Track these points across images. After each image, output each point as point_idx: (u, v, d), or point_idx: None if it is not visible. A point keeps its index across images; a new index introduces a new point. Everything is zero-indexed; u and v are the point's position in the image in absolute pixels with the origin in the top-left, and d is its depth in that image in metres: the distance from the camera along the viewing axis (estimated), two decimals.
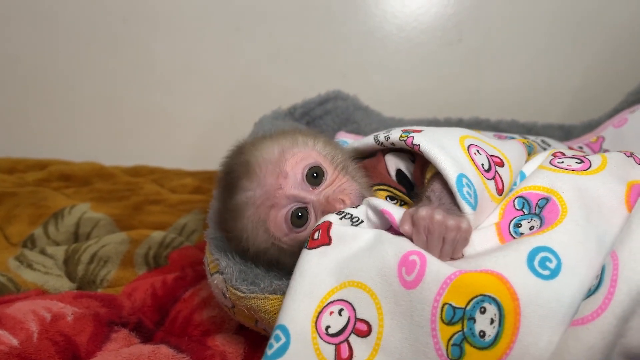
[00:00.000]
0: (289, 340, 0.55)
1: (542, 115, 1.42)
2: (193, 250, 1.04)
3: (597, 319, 0.48)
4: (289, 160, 0.67)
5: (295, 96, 1.26)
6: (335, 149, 0.73)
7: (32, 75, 1.78)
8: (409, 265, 0.54)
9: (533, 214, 0.61)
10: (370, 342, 0.55)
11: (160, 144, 1.80)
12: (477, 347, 0.50)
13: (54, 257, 1.01)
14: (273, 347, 0.55)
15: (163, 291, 0.89)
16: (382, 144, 0.75)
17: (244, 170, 0.67)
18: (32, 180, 1.51)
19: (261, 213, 0.66)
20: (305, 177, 0.67)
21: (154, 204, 1.33)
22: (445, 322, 0.51)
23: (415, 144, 0.66)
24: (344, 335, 0.56)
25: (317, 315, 0.56)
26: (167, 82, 1.76)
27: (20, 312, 0.76)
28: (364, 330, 0.55)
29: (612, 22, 1.57)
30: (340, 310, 0.56)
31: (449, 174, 0.61)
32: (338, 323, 0.56)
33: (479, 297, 0.50)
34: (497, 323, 0.49)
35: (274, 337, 0.55)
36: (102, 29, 1.73)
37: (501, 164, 0.68)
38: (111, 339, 0.76)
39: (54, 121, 1.82)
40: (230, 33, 1.69)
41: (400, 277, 0.55)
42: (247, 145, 0.71)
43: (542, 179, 0.64)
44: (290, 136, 0.71)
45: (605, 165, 0.64)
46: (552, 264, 0.52)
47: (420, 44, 1.65)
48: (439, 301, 0.52)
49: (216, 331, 0.79)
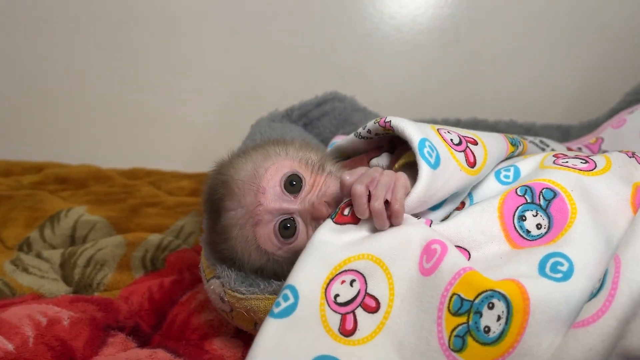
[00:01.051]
0: (297, 301, 0.54)
1: (540, 116, 1.42)
2: (190, 253, 1.03)
3: (597, 321, 0.47)
4: (263, 175, 0.67)
5: (293, 98, 1.26)
6: (308, 151, 0.73)
7: (27, 78, 1.78)
8: (430, 253, 0.55)
9: (537, 205, 0.60)
10: (375, 320, 0.55)
11: (157, 147, 1.80)
12: (479, 341, 0.50)
13: (50, 261, 1.00)
14: (280, 305, 0.54)
15: (160, 295, 0.88)
16: (360, 134, 0.75)
17: (223, 190, 0.67)
18: (28, 183, 1.51)
19: (247, 232, 0.66)
20: (284, 187, 0.67)
21: (151, 206, 1.33)
22: (451, 312, 0.52)
23: (387, 121, 0.67)
24: (352, 306, 0.55)
25: (328, 281, 0.56)
26: (163, 85, 1.76)
27: (15, 317, 0.75)
28: (372, 306, 0.55)
29: (610, 22, 1.57)
30: (352, 281, 0.56)
31: (413, 137, 0.62)
32: (348, 293, 0.56)
33: (488, 292, 0.50)
34: (504, 321, 0.49)
35: (282, 296, 0.55)
36: (98, 32, 1.72)
37: (474, 143, 0.68)
38: (108, 344, 0.75)
39: (50, 124, 1.81)
40: (226, 35, 1.69)
41: (420, 263, 0.55)
42: (225, 165, 0.71)
43: (548, 175, 0.63)
44: (262, 150, 0.71)
45: (610, 166, 0.64)
46: (564, 267, 0.51)
47: (417, 45, 1.64)
48: (449, 290, 0.52)
49: (214, 335, 0.78)
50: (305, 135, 1.15)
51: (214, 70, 1.73)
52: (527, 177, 0.66)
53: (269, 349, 0.51)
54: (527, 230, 0.59)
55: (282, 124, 1.16)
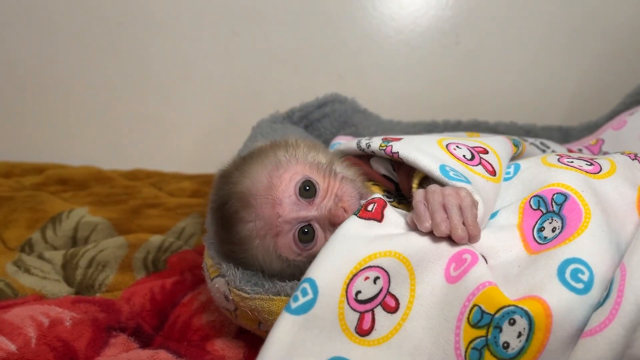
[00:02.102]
0: (316, 297, 0.52)
1: (540, 117, 1.43)
2: (192, 254, 1.04)
3: (604, 330, 0.47)
4: (278, 186, 0.66)
5: (293, 99, 1.26)
6: (316, 154, 0.73)
7: (29, 80, 1.78)
8: (460, 261, 0.55)
9: (552, 212, 0.59)
10: (393, 320, 0.54)
11: (158, 148, 1.80)
12: (497, 356, 0.49)
13: (52, 262, 1.00)
14: (298, 300, 0.52)
15: (162, 296, 0.89)
16: (363, 150, 0.75)
17: (238, 202, 0.67)
18: (30, 184, 1.51)
19: (269, 243, 0.66)
20: (299, 194, 0.67)
21: (152, 207, 1.33)
22: (470, 324, 0.51)
23: (394, 152, 0.67)
24: (372, 304, 0.54)
25: (351, 276, 0.54)
26: (164, 86, 1.76)
27: (18, 318, 0.75)
28: (392, 306, 0.54)
29: (610, 23, 1.58)
30: (375, 278, 0.55)
31: (431, 168, 0.62)
32: (370, 290, 0.54)
33: (510, 307, 0.49)
34: (525, 338, 0.48)
35: (301, 290, 0.53)
36: (98, 33, 1.72)
37: (485, 152, 0.68)
38: (110, 344, 0.75)
39: (51, 125, 1.81)
40: (227, 37, 1.69)
41: (447, 270, 0.55)
42: (235, 174, 0.70)
43: (556, 177, 0.62)
44: (272, 156, 0.70)
45: (615, 169, 0.64)
46: (585, 275, 0.51)
47: (418, 46, 1.65)
48: (470, 301, 0.52)
49: (215, 336, 0.78)
50: (306, 136, 1.16)
51: (215, 72, 1.73)
52: (530, 175, 0.66)
53: (284, 346, 0.50)
54: (545, 237, 0.58)
55: (283, 126, 1.16)
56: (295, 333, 0.51)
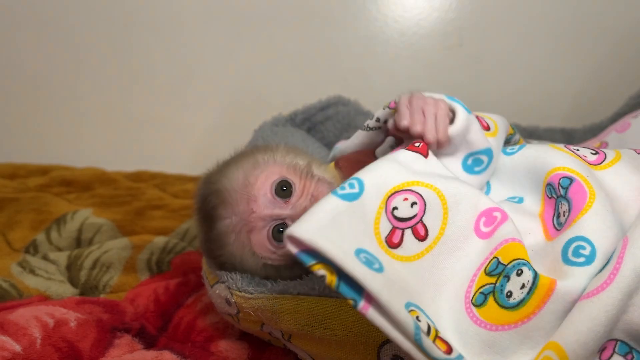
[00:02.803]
0: (361, 193, 0.54)
1: (543, 119, 1.43)
2: (195, 256, 1.04)
3: (601, 293, 0.48)
4: (254, 183, 0.68)
5: (296, 102, 1.26)
6: (295, 156, 0.74)
7: (32, 81, 1.79)
8: (490, 218, 0.58)
9: (560, 196, 0.61)
10: (420, 247, 0.56)
11: (162, 150, 1.81)
12: (499, 303, 0.52)
13: (56, 263, 1.01)
14: (345, 189, 0.53)
15: (166, 297, 0.89)
16: (369, 126, 0.76)
17: (217, 199, 0.69)
18: (34, 185, 1.51)
19: (243, 239, 0.68)
20: (275, 193, 0.68)
21: (156, 209, 1.33)
22: (486, 272, 0.54)
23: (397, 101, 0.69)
24: (404, 225, 0.56)
25: (394, 191, 0.56)
26: (168, 88, 1.77)
27: (23, 318, 0.76)
28: (422, 234, 0.56)
29: (613, 25, 1.58)
30: (413, 203, 0.57)
31: (435, 95, 0.67)
32: (406, 211, 0.56)
33: (521, 260, 0.53)
34: (527, 290, 0.51)
35: (349, 183, 0.54)
36: (102, 36, 1.73)
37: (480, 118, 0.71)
38: (114, 345, 0.75)
39: (56, 127, 1.82)
40: (230, 39, 1.70)
41: (477, 222, 0.58)
42: (215, 174, 0.72)
43: (562, 160, 0.63)
44: (250, 157, 0.72)
45: (620, 157, 0.65)
46: (586, 250, 0.53)
47: (421, 48, 1.65)
48: (492, 254, 0.55)
49: (219, 337, 0.79)
50: (308, 139, 1.16)
51: (218, 74, 1.74)
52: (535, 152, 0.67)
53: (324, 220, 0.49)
54: (561, 223, 0.59)
55: (285, 128, 1.16)
56: (337, 212, 0.51)
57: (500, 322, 0.51)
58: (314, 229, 0.46)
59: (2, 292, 0.89)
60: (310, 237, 0.45)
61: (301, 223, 0.47)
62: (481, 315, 0.52)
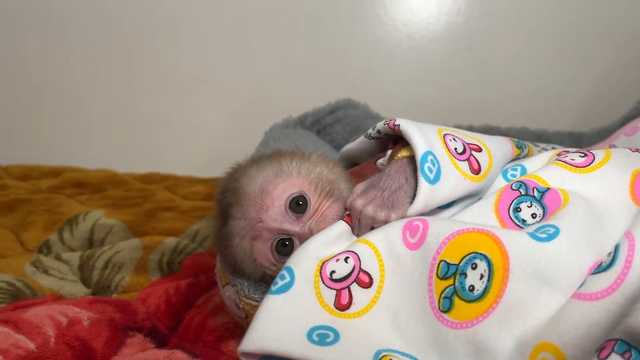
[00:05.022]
0: (293, 280, 0.57)
1: (551, 123, 1.43)
2: (206, 257, 1.05)
3: (606, 297, 0.48)
4: (270, 192, 0.67)
5: (305, 105, 1.27)
6: (322, 171, 0.72)
7: (45, 85, 1.81)
8: (413, 228, 0.60)
9: (532, 196, 0.62)
10: (370, 294, 0.58)
11: (172, 152, 1.82)
12: (465, 299, 0.53)
13: (69, 263, 1.02)
14: (277, 284, 0.57)
15: (177, 297, 0.90)
16: (370, 135, 0.78)
17: (232, 197, 0.68)
18: (46, 187, 1.53)
19: (246, 244, 0.68)
20: (289, 207, 0.67)
21: (166, 210, 1.35)
22: (439, 277, 0.55)
23: (396, 125, 0.70)
24: (347, 282, 0.59)
25: (323, 262, 0.60)
26: (178, 91, 1.78)
27: (37, 317, 0.77)
28: (366, 281, 0.59)
29: (622, 29, 1.58)
30: (346, 258, 0.60)
31: (418, 148, 0.65)
32: (343, 269, 0.59)
33: (471, 254, 0.54)
34: (486, 278, 0.52)
35: (280, 276, 0.58)
36: (113, 39, 1.75)
37: (478, 150, 0.70)
38: (126, 344, 0.76)
39: (68, 129, 1.84)
40: (240, 42, 1.71)
41: (404, 239, 0.59)
42: (239, 170, 0.72)
43: (543, 173, 0.65)
44: (276, 163, 0.70)
45: (609, 158, 0.65)
46: (551, 230, 0.54)
47: (430, 52, 1.66)
48: (436, 259, 0.56)
49: (230, 337, 0.79)
50: (318, 141, 1.17)
51: (228, 77, 1.75)
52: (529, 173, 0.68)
53: (269, 321, 0.53)
54: (523, 220, 0.61)
55: (296, 131, 1.17)
56: (277, 309, 0.54)
57: (474, 316, 0.52)
58: (260, 336, 0.51)
59: (16, 291, 0.91)
60: (259, 346, 0.50)
61: (248, 335, 0.51)
62: (454, 318, 0.53)
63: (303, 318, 0.54)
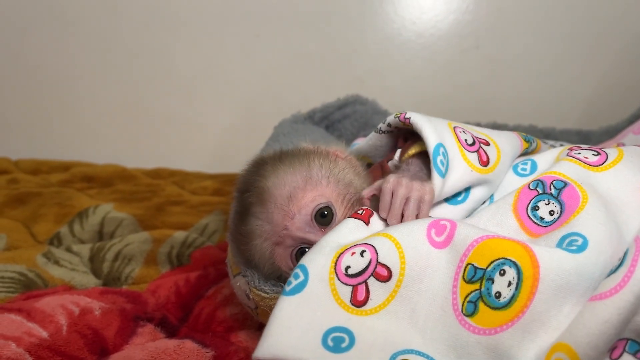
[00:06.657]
0: (307, 278, 0.55)
1: (559, 121, 1.43)
2: (215, 250, 1.06)
3: (615, 295, 0.48)
4: (299, 200, 0.65)
5: (314, 101, 1.28)
6: (350, 178, 0.71)
7: (55, 81, 1.83)
8: (440, 228, 0.58)
9: (549, 194, 0.62)
10: (388, 288, 0.56)
11: (181, 147, 1.83)
12: (490, 306, 0.52)
13: (79, 255, 1.03)
14: (291, 284, 0.55)
15: (186, 289, 0.91)
16: (380, 129, 0.78)
17: (257, 198, 0.67)
18: (56, 181, 1.55)
19: (267, 247, 0.67)
20: (314, 218, 0.66)
21: (175, 205, 1.36)
22: (465, 281, 0.54)
23: (407, 117, 0.70)
24: (364, 276, 0.56)
25: (338, 255, 0.57)
26: (187, 87, 1.79)
27: (49, 306, 0.78)
28: (385, 275, 0.56)
29: (630, 27, 1.57)
30: (362, 252, 0.57)
31: (429, 141, 0.65)
32: (359, 264, 0.57)
33: (500, 259, 0.53)
34: (514, 286, 0.51)
35: (293, 275, 0.56)
36: (123, 34, 1.77)
37: (487, 144, 0.71)
38: (137, 334, 0.77)
39: (77, 124, 1.86)
40: (250, 39, 1.72)
41: (429, 236, 0.58)
42: (266, 167, 0.69)
43: (559, 167, 0.65)
44: (305, 168, 0.68)
45: (621, 157, 0.65)
46: (579, 242, 0.53)
47: (438, 50, 1.66)
48: (464, 261, 0.55)
49: (239, 328, 0.80)
50: (327, 136, 1.17)
51: (237, 73, 1.76)
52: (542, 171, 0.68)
53: (283, 325, 0.52)
54: (541, 218, 0.60)
55: (305, 126, 1.18)
56: (293, 311, 0.53)
57: (498, 324, 0.51)
58: (274, 343, 0.50)
59: (28, 281, 0.92)
60: (274, 353, 0.49)
61: (263, 341, 0.50)
62: (477, 323, 0.52)
63: (318, 319, 0.53)
